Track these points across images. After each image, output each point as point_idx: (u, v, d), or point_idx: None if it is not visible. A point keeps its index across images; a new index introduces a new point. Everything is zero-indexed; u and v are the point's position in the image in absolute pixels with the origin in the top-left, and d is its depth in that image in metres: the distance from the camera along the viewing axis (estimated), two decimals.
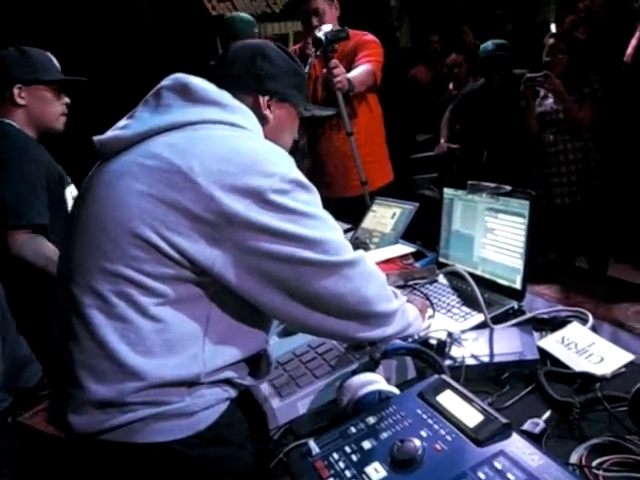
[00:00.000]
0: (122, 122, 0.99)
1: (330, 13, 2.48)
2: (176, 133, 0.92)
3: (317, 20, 2.44)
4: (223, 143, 0.91)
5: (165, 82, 1.00)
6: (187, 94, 0.96)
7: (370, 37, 2.55)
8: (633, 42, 2.86)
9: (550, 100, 2.82)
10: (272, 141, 1.00)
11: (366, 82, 2.43)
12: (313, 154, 2.66)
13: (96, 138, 0.99)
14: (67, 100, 1.86)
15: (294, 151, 1.07)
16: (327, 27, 2.27)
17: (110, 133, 0.98)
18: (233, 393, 0.98)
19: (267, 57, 1.07)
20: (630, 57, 2.84)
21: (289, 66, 1.10)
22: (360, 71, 2.41)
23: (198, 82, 0.98)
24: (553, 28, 4.49)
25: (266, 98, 1.07)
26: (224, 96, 0.99)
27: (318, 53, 2.27)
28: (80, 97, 1.93)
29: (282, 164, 0.92)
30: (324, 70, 2.31)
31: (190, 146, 0.89)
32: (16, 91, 1.75)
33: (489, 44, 3.21)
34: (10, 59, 1.77)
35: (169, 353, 0.88)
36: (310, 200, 0.93)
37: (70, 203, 1.79)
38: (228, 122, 0.96)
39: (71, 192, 1.83)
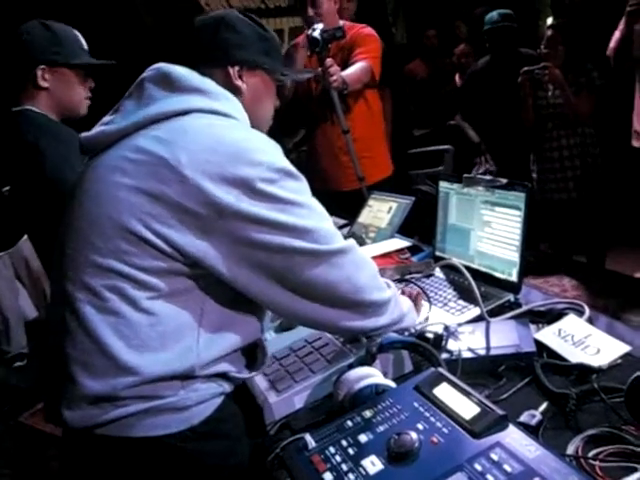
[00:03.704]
0: (107, 117, 0.99)
1: (328, 5, 2.39)
2: (162, 125, 0.91)
3: (313, 11, 2.35)
4: (209, 133, 0.90)
5: (147, 73, 0.99)
6: (169, 84, 0.95)
7: (368, 30, 2.51)
8: (616, 34, 2.84)
9: (549, 94, 2.81)
10: (252, 112, 0.99)
11: (362, 79, 2.41)
12: (308, 148, 2.65)
13: (83, 135, 0.99)
14: (92, 84, 1.75)
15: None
16: (320, 25, 2.24)
17: (96, 129, 0.98)
18: (228, 388, 0.97)
19: (230, 26, 1.04)
20: (612, 50, 2.81)
21: (255, 32, 1.07)
22: (355, 69, 2.38)
23: (180, 70, 0.97)
24: (550, 20, 4.46)
25: (236, 68, 1.04)
26: (207, 83, 0.97)
27: (313, 52, 2.24)
28: None
29: (269, 152, 0.91)
30: (319, 68, 2.29)
31: (176, 138, 0.88)
32: (39, 72, 1.62)
33: (494, 14, 3.09)
34: (34, 37, 1.61)
35: (163, 346, 0.87)
36: (299, 188, 0.92)
37: None
38: (213, 110, 0.94)
39: None
